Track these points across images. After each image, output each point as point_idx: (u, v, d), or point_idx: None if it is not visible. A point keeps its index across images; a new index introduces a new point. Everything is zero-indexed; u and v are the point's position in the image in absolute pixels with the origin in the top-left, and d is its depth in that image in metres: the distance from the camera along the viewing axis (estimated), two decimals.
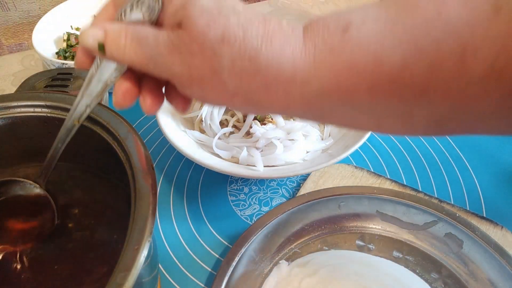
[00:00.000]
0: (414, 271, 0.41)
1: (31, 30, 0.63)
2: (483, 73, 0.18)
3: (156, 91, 0.27)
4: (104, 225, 0.37)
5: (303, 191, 0.49)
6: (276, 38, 0.21)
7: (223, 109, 0.52)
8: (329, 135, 0.51)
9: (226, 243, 0.46)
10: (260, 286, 0.40)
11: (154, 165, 0.30)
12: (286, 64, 0.21)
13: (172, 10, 0.23)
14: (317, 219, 0.44)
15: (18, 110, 0.37)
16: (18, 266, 0.35)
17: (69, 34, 0.67)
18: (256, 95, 0.23)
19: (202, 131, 0.53)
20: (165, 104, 0.55)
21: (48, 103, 0.36)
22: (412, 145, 0.55)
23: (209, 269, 0.44)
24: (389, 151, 0.55)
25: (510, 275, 0.38)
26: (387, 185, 0.49)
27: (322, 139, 0.51)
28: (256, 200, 0.50)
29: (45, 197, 0.34)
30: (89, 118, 0.35)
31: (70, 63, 0.57)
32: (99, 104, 0.35)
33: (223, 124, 0.53)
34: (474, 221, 0.44)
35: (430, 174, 0.52)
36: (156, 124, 0.59)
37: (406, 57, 0.19)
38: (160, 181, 0.53)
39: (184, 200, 0.51)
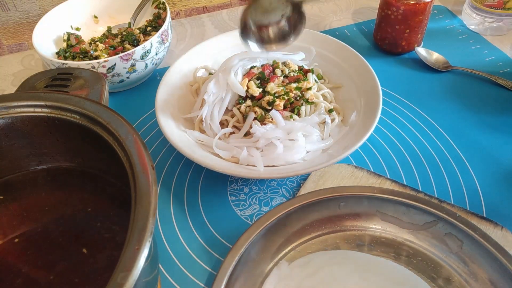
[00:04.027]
0: (414, 271, 0.41)
1: (31, 30, 0.63)
2: None
3: None
4: (104, 225, 0.37)
5: (303, 191, 0.49)
6: None
7: (223, 110, 0.52)
8: (329, 135, 0.51)
9: (226, 243, 0.46)
10: (260, 286, 0.40)
11: (154, 165, 0.30)
12: None
13: None
14: (317, 219, 0.44)
15: (18, 110, 0.37)
16: (15, 269, 0.35)
17: (69, 34, 0.67)
18: None
19: (202, 131, 0.53)
20: (165, 104, 0.55)
21: (48, 103, 0.36)
22: (412, 145, 0.55)
23: (209, 269, 0.44)
24: (389, 151, 0.55)
25: (510, 275, 0.38)
26: (387, 185, 0.49)
27: (322, 139, 0.51)
28: (256, 200, 0.50)
29: None
30: (89, 118, 0.35)
31: (70, 63, 0.57)
32: (99, 104, 0.35)
33: (223, 124, 0.53)
34: (474, 221, 0.44)
35: (430, 174, 0.52)
36: (156, 124, 0.59)
37: None
38: (160, 181, 0.53)
39: (184, 200, 0.51)
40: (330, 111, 0.54)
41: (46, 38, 0.65)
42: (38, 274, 0.34)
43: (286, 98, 0.51)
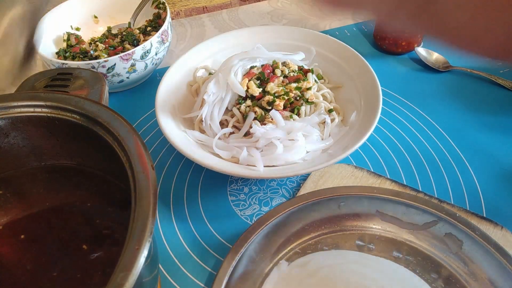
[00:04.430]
0: (414, 271, 0.41)
1: None
2: None
3: None
4: (104, 225, 0.37)
5: (303, 191, 0.49)
6: None
7: (223, 109, 0.52)
8: (329, 135, 0.51)
9: (226, 243, 0.46)
10: (260, 286, 0.40)
11: (154, 165, 0.30)
12: None
13: None
14: (317, 219, 0.44)
15: (18, 110, 0.37)
16: (18, 270, 0.35)
17: (69, 34, 0.67)
18: None
19: (202, 131, 0.53)
20: (165, 104, 0.55)
21: (48, 103, 0.36)
22: (412, 145, 0.55)
23: (209, 269, 0.44)
24: (389, 151, 0.55)
25: (510, 275, 0.38)
26: (387, 185, 0.49)
27: (322, 139, 0.51)
28: (256, 200, 0.50)
29: None
30: (89, 118, 0.35)
31: (70, 63, 0.57)
32: (99, 104, 0.35)
33: (223, 124, 0.53)
34: (474, 221, 0.44)
35: (430, 174, 0.52)
36: (156, 124, 0.59)
37: None
38: (160, 181, 0.53)
39: (184, 200, 0.51)
40: (330, 111, 0.54)
41: (46, 38, 0.65)
42: (41, 270, 0.34)
43: (286, 98, 0.51)
